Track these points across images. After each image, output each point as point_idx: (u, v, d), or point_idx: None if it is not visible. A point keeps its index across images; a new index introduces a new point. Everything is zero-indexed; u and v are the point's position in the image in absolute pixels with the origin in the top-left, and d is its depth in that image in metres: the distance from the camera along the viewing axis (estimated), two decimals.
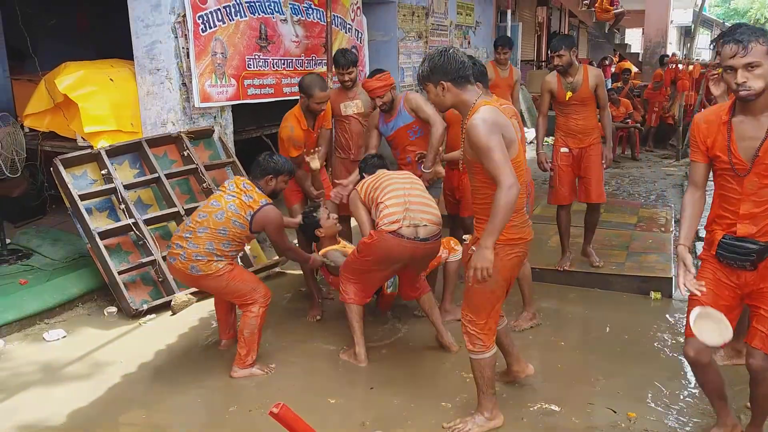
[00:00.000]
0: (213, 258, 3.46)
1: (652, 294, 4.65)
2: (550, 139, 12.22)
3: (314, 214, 4.06)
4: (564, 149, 4.86)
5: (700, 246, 3.13)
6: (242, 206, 3.49)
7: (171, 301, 4.43)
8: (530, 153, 4.42)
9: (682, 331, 4.13)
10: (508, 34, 9.50)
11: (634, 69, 12.39)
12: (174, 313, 4.41)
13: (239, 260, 4.04)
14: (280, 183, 3.67)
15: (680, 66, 10.70)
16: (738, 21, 35.18)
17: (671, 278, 4.72)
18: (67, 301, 4.41)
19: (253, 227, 3.52)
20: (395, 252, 3.48)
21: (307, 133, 4.30)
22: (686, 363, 3.04)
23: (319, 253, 4.02)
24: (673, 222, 6.27)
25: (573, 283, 4.86)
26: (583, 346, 4.00)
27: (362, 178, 3.96)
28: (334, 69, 4.89)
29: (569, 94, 4.73)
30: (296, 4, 6.12)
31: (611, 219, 6.19)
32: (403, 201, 3.53)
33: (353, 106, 4.86)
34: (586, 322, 4.37)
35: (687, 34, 27.24)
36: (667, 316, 4.38)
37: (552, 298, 4.66)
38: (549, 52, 5.24)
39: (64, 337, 4.07)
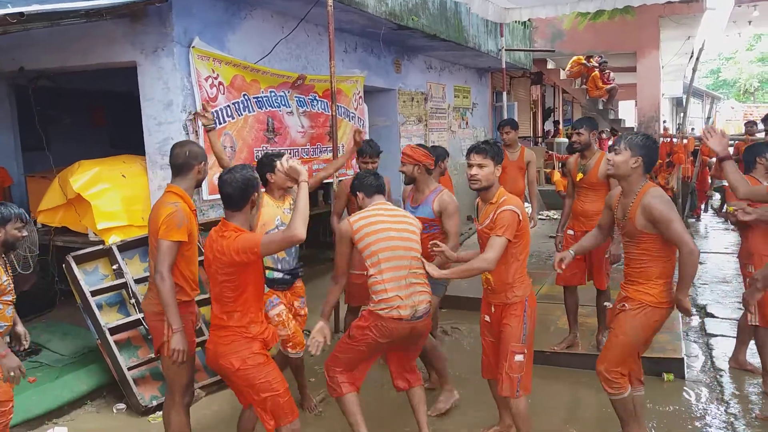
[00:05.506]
0: None
1: (665, 375, 4.60)
2: (550, 213, 12.43)
3: (274, 158, 3.61)
4: (569, 231, 4.94)
5: None
6: None
7: None
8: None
9: (699, 414, 4.10)
10: (504, 113, 9.80)
11: None
12: None
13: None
14: (11, 232, 3.18)
15: (675, 140, 10.98)
16: (727, 91, 36.26)
17: (683, 359, 4.70)
18: (75, 399, 4.38)
19: None
20: (394, 332, 3.38)
21: (193, 214, 3.46)
22: None
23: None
24: None
25: (584, 366, 4.80)
26: None
27: (354, 196, 3.67)
28: (358, 158, 4.75)
29: (580, 175, 4.82)
30: (302, 97, 6.38)
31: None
32: (397, 285, 3.35)
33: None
34: (601, 407, 4.30)
35: (680, 105, 27.97)
36: (683, 397, 4.34)
37: (563, 382, 4.62)
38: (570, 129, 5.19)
39: None
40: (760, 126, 10.02)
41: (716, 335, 5.51)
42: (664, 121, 21.30)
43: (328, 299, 3.55)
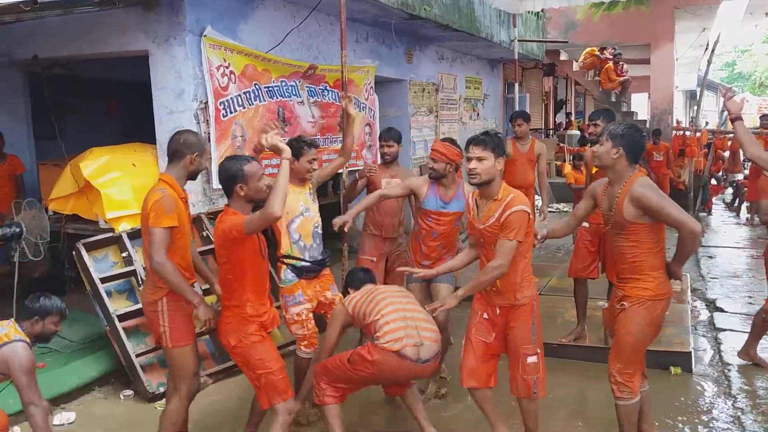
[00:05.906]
0: None
1: (672, 369, 4.59)
2: (560, 206, 12.38)
3: (303, 144, 3.89)
4: (585, 224, 4.90)
5: None
6: None
7: None
8: None
9: (706, 408, 4.09)
10: (516, 104, 9.76)
11: None
12: None
13: None
14: (48, 325, 3.36)
15: (687, 133, 10.89)
16: (742, 84, 35.83)
17: (690, 352, 4.68)
18: (83, 385, 4.43)
19: None
20: (396, 373, 3.35)
21: (183, 202, 3.31)
22: None
23: None
24: (689, 291, 6.24)
25: (591, 359, 4.81)
26: (609, 428, 3.91)
27: (347, 293, 3.79)
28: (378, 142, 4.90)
29: (595, 169, 4.81)
30: (312, 87, 6.37)
31: None
32: (403, 316, 3.36)
33: (393, 184, 4.77)
34: (608, 400, 4.27)
35: (693, 98, 27.69)
36: (690, 391, 4.32)
37: (571, 374, 4.61)
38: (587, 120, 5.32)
39: (71, 422, 4.06)
40: None
41: (725, 329, 5.48)
42: (678, 122, 21.17)
43: (306, 383, 3.69)
